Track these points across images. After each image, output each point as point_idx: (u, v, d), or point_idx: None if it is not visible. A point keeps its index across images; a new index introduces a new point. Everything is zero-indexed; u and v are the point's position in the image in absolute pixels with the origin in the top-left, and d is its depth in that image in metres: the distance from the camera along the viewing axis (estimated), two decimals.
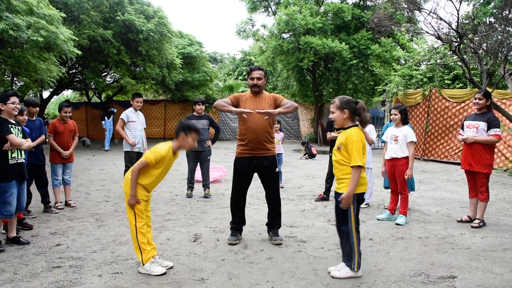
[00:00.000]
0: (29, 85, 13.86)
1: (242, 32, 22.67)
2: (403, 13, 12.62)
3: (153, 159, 3.77)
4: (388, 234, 5.21)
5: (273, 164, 4.87)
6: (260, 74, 4.82)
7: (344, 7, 19.02)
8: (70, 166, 6.74)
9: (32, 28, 9.53)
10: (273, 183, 4.95)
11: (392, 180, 5.89)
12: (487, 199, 5.57)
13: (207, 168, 7.62)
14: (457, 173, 10.87)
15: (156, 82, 19.89)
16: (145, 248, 3.80)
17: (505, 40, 8.97)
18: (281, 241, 4.80)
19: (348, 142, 3.63)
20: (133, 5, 16.39)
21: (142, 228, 3.81)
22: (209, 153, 7.67)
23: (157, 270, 3.78)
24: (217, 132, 7.78)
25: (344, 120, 3.74)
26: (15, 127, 4.69)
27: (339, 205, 3.72)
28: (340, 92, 20.05)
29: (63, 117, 6.53)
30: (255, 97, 4.84)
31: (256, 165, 4.81)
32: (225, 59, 42.14)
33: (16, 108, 4.70)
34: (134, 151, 7.18)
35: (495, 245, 4.77)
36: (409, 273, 3.88)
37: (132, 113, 7.28)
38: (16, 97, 4.70)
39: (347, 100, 3.75)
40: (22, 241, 4.68)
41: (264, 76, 4.88)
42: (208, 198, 7.38)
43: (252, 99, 4.84)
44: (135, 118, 7.26)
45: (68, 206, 6.56)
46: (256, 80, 4.80)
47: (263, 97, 4.86)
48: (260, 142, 4.75)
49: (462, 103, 12.70)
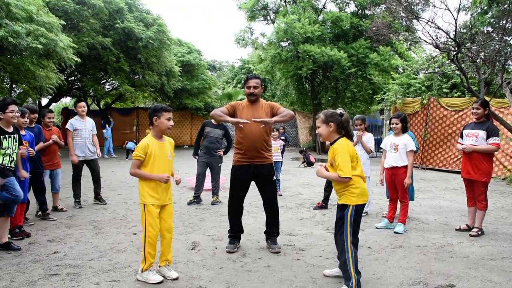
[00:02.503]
0: (28, 92, 13.86)
1: (241, 41, 22.76)
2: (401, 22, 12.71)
3: (138, 152, 3.79)
4: (387, 242, 5.20)
5: (271, 172, 4.86)
6: (256, 83, 4.80)
7: (342, 16, 19.14)
8: (59, 172, 6.77)
9: (31, 35, 9.56)
10: (271, 191, 4.94)
11: (392, 189, 5.89)
12: (486, 207, 5.57)
13: (217, 175, 7.65)
14: (456, 181, 10.88)
15: (155, 90, 19.93)
16: (149, 258, 3.77)
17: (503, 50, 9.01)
18: (279, 249, 4.78)
19: (336, 154, 3.58)
20: (133, 13, 16.49)
21: (150, 238, 3.75)
22: (219, 160, 7.70)
23: (154, 278, 3.75)
24: (228, 144, 7.87)
25: (330, 134, 3.69)
26: (10, 136, 4.64)
27: (337, 215, 3.72)
28: (339, 100, 20.12)
29: (46, 123, 6.50)
30: (251, 106, 4.82)
31: (253, 173, 4.79)
32: (224, 67, 42.23)
33: (15, 116, 4.68)
34: (81, 160, 7.08)
35: (494, 254, 4.76)
36: (407, 282, 3.87)
37: (77, 121, 7.13)
38: (15, 105, 4.68)
39: (331, 113, 3.70)
40: (13, 247, 4.66)
41: (261, 84, 4.86)
42: (215, 205, 7.38)
43: (248, 107, 4.82)
44: (80, 126, 7.09)
45: (61, 211, 6.65)
46: (253, 88, 4.78)
47: (260, 105, 4.84)
48: (257, 150, 4.74)
49: (460, 112, 12.74)
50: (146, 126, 23.38)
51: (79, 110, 7.12)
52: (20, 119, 5.28)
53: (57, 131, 6.72)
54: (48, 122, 6.51)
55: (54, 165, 6.60)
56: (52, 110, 6.93)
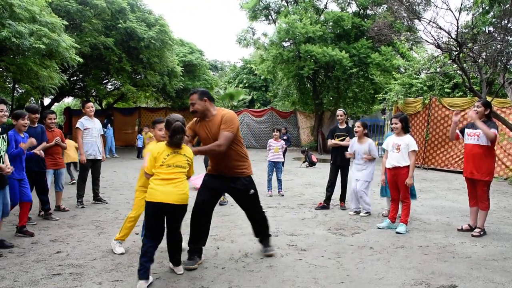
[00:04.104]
0: (31, 92, 13.93)
1: (242, 41, 22.75)
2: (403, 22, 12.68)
3: (147, 164, 3.94)
4: (389, 242, 5.20)
5: (246, 187, 4.44)
6: (192, 99, 4.22)
7: (344, 16, 19.11)
8: (63, 172, 6.82)
9: (34, 35, 9.58)
10: (251, 204, 4.58)
11: (394, 189, 5.88)
12: (488, 207, 5.57)
13: None
14: (457, 181, 10.87)
15: (157, 90, 19.95)
16: (124, 229, 4.68)
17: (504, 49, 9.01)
18: (274, 251, 4.69)
19: None
20: (135, 13, 16.49)
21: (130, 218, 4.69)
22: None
23: (119, 250, 4.64)
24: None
25: None
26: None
27: None
28: (341, 100, 20.12)
29: (48, 124, 6.50)
30: (206, 122, 4.28)
31: (227, 185, 4.44)
32: (225, 67, 42.24)
33: (4, 115, 4.59)
34: (89, 159, 7.17)
35: (496, 254, 4.77)
36: (409, 282, 3.87)
37: (86, 120, 7.21)
38: (4, 105, 4.58)
39: None
40: (6, 245, 4.71)
41: (199, 98, 4.19)
42: (223, 205, 7.33)
43: (202, 124, 4.31)
44: (89, 125, 7.18)
45: (63, 211, 6.68)
46: (191, 106, 4.24)
47: (215, 120, 4.23)
48: (228, 167, 4.37)
49: (462, 112, 12.72)
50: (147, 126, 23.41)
51: (87, 110, 7.21)
52: (20, 122, 5.28)
53: (60, 133, 6.75)
54: (49, 124, 6.50)
55: (58, 165, 6.63)
56: (53, 111, 6.95)
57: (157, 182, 3.79)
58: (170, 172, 3.81)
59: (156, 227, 3.84)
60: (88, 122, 7.20)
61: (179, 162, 3.85)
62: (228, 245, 4.99)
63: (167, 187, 3.77)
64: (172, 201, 3.76)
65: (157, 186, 3.78)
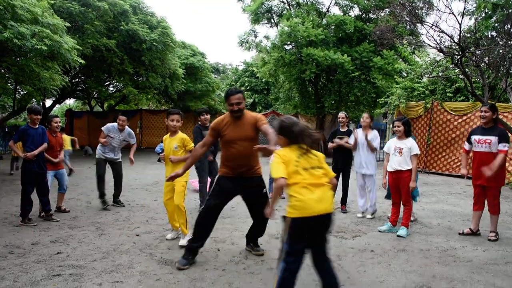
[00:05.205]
0: (32, 93, 13.93)
1: (244, 43, 22.76)
2: (405, 26, 12.70)
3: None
4: (390, 246, 5.18)
5: (260, 185, 4.53)
6: (239, 98, 4.31)
7: (346, 20, 19.12)
8: (64, 172, 6.83)
9: (36, 37, 9.60)
10: (262, 204, 4.44)
11: (395, 192, 5.86)
12: (499, 211, 5.55)
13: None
14: (459, 185, 10.84)
15: (158, 92, 20.01)
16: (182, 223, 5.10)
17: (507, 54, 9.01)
18: (263, 251, 4.75)
19: None
20: (137, 15, 16.54)
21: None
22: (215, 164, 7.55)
23: (183, 241, 4.90)
24: (215, 147, 7.38)
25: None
26: None
27: None
28: (342, 104, 20.10)
29: (54, 128, 6.50)
30: (236, 122, 4.37)
31: (242, 185, 4.45)
32: (227, 70, 42.29)
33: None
34: (102, 158, 7.26)
35: (497, 259, 4.74)
36: (410, 286, 3.85)
37: (114, 128, 7.19)
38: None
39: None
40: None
41: (243, 98, 4.39)
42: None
43: (233, 124, 4.37)
44: (113, 134, 7.16)
45: (64, 212, 6.69)
46: (236, 105, 4.30)
47: (245, 120, 4.37)
48: (249, 166, 4.42)
49: (464, 116, 12.70)
50: (149, 128, 23.46)
51: (120, 122, 7.19)
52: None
53: (61, 138, 6.78)
54: (55, 127, 6.52)
55: (57, 166, 6.63)
56: (57, 115, 6.97)
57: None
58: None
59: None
60: (114, 132, 7.16)
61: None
62: (228, 247, 4.97)
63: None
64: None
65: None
